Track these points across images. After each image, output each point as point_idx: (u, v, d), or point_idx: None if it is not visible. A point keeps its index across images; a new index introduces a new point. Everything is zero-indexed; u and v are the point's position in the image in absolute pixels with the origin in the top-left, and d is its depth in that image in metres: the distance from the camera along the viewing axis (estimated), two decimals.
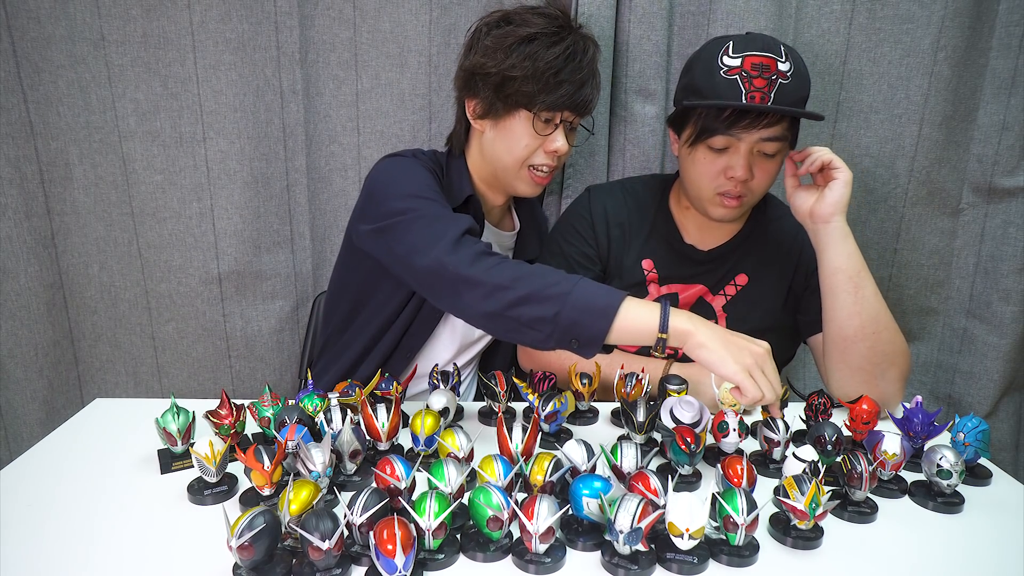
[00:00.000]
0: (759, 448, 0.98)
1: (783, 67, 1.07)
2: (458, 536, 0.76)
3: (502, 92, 1.12)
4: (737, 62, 1.07)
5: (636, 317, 0.91)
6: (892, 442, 0.87)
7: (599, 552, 0.75)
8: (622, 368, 1.11)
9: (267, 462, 0.79)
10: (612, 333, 0.92)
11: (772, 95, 1.06)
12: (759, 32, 1.24)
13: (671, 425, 0.95)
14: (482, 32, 1.16)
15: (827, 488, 0.80)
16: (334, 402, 0.96)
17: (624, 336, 0.93)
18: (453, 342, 1.32)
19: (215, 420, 0.93)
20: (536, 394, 1.06)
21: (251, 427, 1.00)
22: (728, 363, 0.87)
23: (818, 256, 1.13)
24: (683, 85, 1.17)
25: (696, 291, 1.26)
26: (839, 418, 0.99)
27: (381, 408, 0.92)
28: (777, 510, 0.81)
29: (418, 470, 0.80)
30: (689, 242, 1.27)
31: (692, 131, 1.13)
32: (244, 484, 0.87)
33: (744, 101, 1.06)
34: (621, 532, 0.69)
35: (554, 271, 0.98)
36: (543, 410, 0.99)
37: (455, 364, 1.14)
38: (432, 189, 1.13)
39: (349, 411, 0.98)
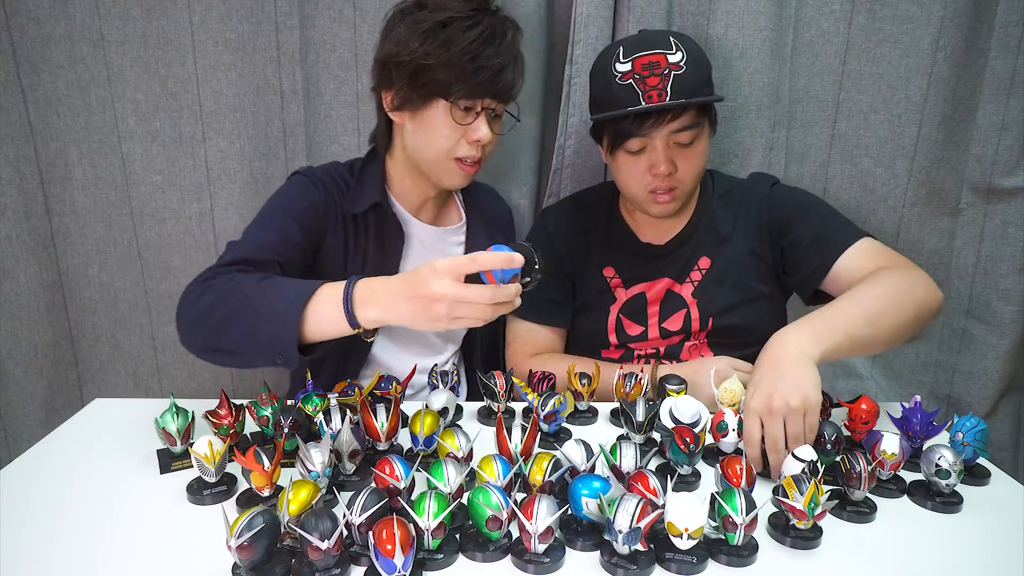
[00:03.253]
0: None
1: (673, 59, 1.09)
2: (457, 536, 0.76)
3: (417, 81, 1.07)
4: (628, 67, 1.11)
5: (325, 318, 0.90)
6: (891, 442, 0.87)
7: (598, 552, 0.75)
8: (621, 368, 1.11)
9: (267, 463, 0.79)
10: (308, 338, 0.91)
11: (668, 89, 1.08)
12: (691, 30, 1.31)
13: (670, 425, 0.95)
14: (396, 19, 1.10)
15: (826, 488, 0.80)
16: (333, 402, 0.96)
17: (325, 337, 0.92)
18: (407, 348, 1.29)
19: (214, 420, 0.93)
20: (535, 394, 1.06)
21: (250, 427, 1.00)
22: (422, 324, 0.85)
23: None
24: (589, 98, 1.22)
25: (663, 285, 1.28)
26: (838, 418, 0.99)
27: (380, 408, 0.92)
28: (776, 510, 0.81)
29: (417, 470, 0.80)
30: (645, 240, 1.30)
31: (608, 140, 1.18)
32: (244, 484, 0.87)
33: (642, 103, 1.09)
34: (620, 532, 0.69)
35: (257, 281, 0.96)
36: (542, 410, 0.99)
37: (454, 364, 1.14)
38: (280, 213, 1.13)
39: (348, 411, 0.98)
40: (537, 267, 0.86)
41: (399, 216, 1.23)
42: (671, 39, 1.12)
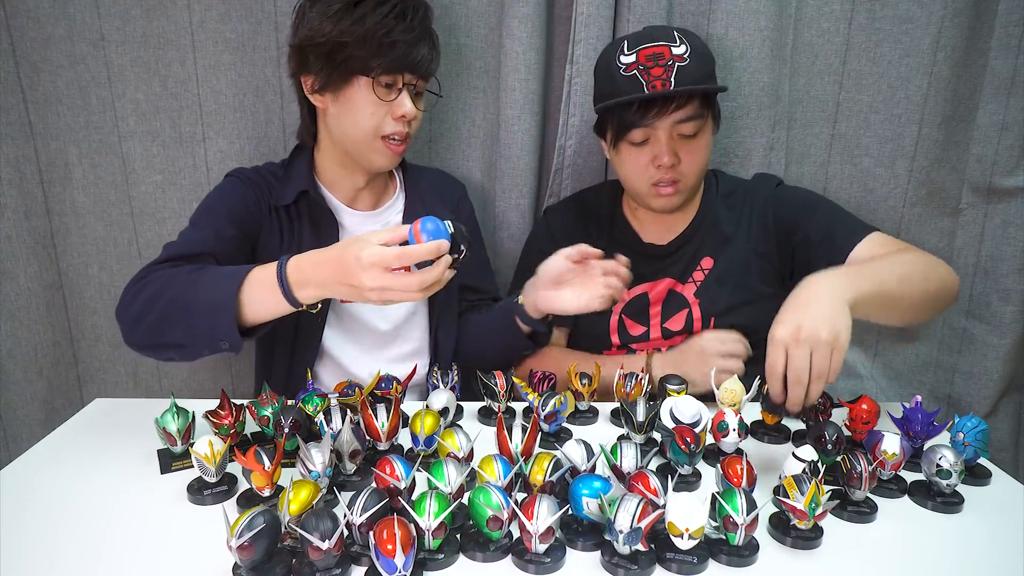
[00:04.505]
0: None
1: (678, 51, 1.11)
2: (458, 536, 0.76)
3: (335, 60, 1.09)
4: (632, 58, 1.12)
5: (262, 301, 0.94)
6: (892, 442, 0.87)
7: (599, 552, 0.75)
8: (622, 368, 1.11)
9: (267, 463, 0.79)
10: (249, 321, 0.95)
11: (672, 79, 1.10)
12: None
13: (671, 425, 0.95)
14: (306, 7, 1.12)
15: (827, 488, 0.80)
16: (334, 402, 0.96)
17: (269, 317, 0.96)
18: (357, 341, 1.29)
19: (215, 420, 0.93)
20: (536, 394, 1.06)
21: (251, 427, 1.00)
22: (352, 296, 0.90)
23: None
24: (593, 92, 1.23)
25: (665, 285, 1.28)
26: (839, 418, 0.99)
27: (381, 408, 0.92)
28: (777, 510, 0.81)
29: (418, 470, 0.80)
30: (648, 241, 1.30)
31: (612, 132, 1.18)
32: (244, 484, 0.87)
33: (646, 91, 1.10)
34: (621, 532, 0.69)
35: (188, 273, 0.99)
36: (543, 410, 0.99)
37: (453, 364, 1.14)
38: (210, 213, 1.16)
39: (349, 411, 0.98)
40: (463, 247, 0.89)
41: (331, 205, 1.24)
42: (675, 33, 1.14)
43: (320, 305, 0.97)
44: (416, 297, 0.88)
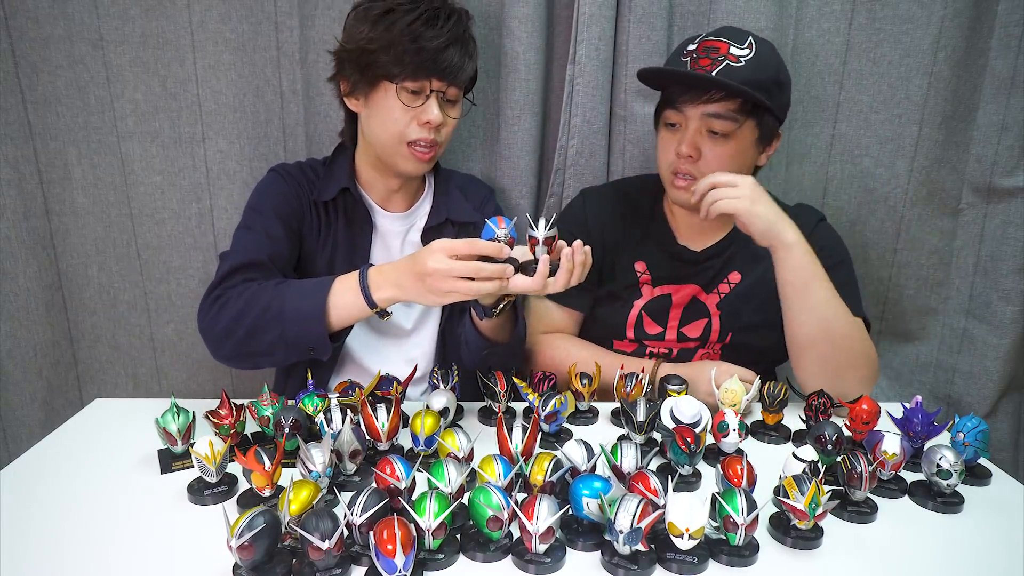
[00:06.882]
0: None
1: (737, 52, 1.11)
2: (458, 536, 0.76)
3: (362, 65, 1.11)
4: (694, 46, 1.15)
5: (345, 305, 1.02)
6: (892, 442, 0.87)
7: (599, 552, 0.75)
8: (622, 368, 1.11)
9: (267, 463, 0.79)
10: (334, 327, 1.03)
11: (715, 73, 1.10)
12: (764, 32, 1.26)
13: (671, 425, 0.95)
14: (350, 15, 1.15)
15: (827, 488, 0.80)
16: (334, 402, 0.97)
17: (348, 322, 1.05)
18: (380, 340, 1.30)
19: (215, 420, 0.93)
20: (536, 394, 1.06)
21: (251, 427, 1.00)
22: (424, 297, 0.96)
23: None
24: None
25: (689, 291, 1.27)
26: (839, 418, 0.99)
27: (381, 408, 0.92)
28: (777, 510, 0.81)
29: (418, 470, 0.80)
30: (682, 243, 1.28)
31: (656, 114, 1.22)
32: (244, 484, 0.87)
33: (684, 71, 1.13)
34: (621, 532, 0.69)
35: (273, 287, 1.05)
36: (543, 410, 0.99)
37: (452, 364, 1.14)
38: (257, 212, 1.18)
39: (349, 411, 0.98)
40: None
41: (366, 204, 1.26)
42: (748, 39, 1.13)
43: (391, 312, 1.04)
44: (471, 289, 0.93)
